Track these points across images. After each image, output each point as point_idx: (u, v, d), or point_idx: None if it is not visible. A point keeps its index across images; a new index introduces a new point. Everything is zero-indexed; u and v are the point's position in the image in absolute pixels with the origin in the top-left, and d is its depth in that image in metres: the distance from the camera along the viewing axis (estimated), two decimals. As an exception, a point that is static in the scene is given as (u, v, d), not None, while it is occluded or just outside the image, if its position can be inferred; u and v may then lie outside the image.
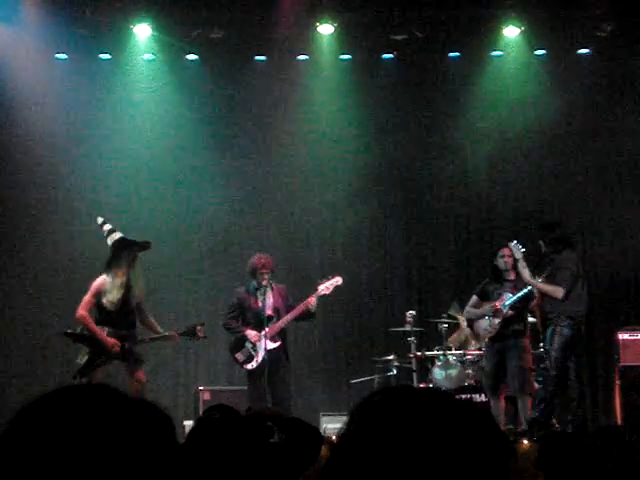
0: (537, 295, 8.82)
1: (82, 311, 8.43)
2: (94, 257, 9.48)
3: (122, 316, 8.49)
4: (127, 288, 8.48)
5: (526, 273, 8.67)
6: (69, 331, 8.62)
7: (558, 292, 8.59)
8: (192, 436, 3.22)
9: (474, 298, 9.22)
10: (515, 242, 8.85)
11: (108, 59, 11.50)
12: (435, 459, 1.29)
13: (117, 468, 1.25)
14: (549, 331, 8.64)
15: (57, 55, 11.40)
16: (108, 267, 8.53)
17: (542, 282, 8.67)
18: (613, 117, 11.51)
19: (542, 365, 8.99)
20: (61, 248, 11.31)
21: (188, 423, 9.23)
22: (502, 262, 9.03)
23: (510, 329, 8.89)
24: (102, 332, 8.37)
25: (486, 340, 9.07)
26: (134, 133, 11.50)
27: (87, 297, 8.48)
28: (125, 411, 1.32)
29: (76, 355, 8.57)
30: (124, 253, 8.51)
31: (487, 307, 8.98)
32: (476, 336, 9.41)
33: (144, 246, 8.70)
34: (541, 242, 8.84)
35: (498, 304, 8.88)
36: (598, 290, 11.46)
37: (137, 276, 8.58)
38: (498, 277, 9.05)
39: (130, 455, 1.27)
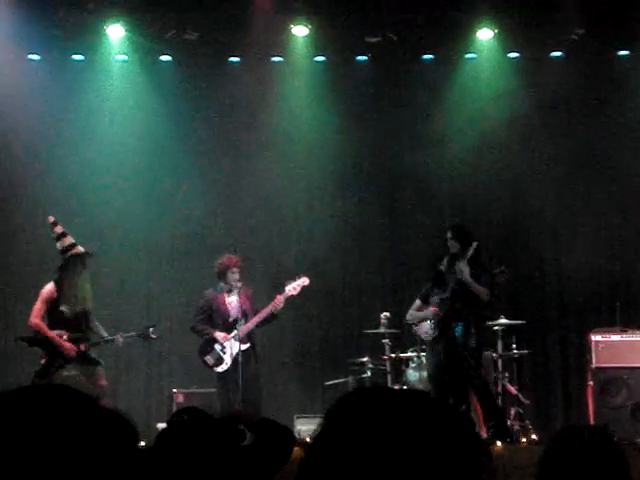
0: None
1: (35, 319, 8.61)
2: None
3: (74, 321, 8.59)
4: (77, 296, 8.62)
5: (466, 272, 8.66)
6: (23, 336, 8.71)
7: (485, 294, 8.65)
8: (160, 439, 3.19)
9: (417, 302, 9.23)
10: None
11: (81, 60, 11.45)
12: (409, 459, 1.28)
13: (72, 469, 1.23)
14: (460, 329, 8.65)
15: (29, 56, 11.32)
16: (60, 276, 8.64)
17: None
18: (585, 119, 11.57)
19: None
20: (30, 251, 11.23)
21: (162, 426, 9.18)
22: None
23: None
24: (58, 337, 8.46)
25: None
26: (107, 134, 11.44)
27: (38, 305, 8.68)
28: (83, 412, 1.30)
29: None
30: (75, 262, 8.61)
31: (428, 311, 9.00)
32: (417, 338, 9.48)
33: (90, 255, 8.87)
34: (453, 242, 8.85)
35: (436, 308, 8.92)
36: (571, 291, 11.54)
37: (85, 284, 8.73)
38: (441, 281, 9.01)
39: (87, 456, 1.25)
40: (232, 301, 9.10)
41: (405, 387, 9.72)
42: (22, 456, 1.23)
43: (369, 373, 10.28)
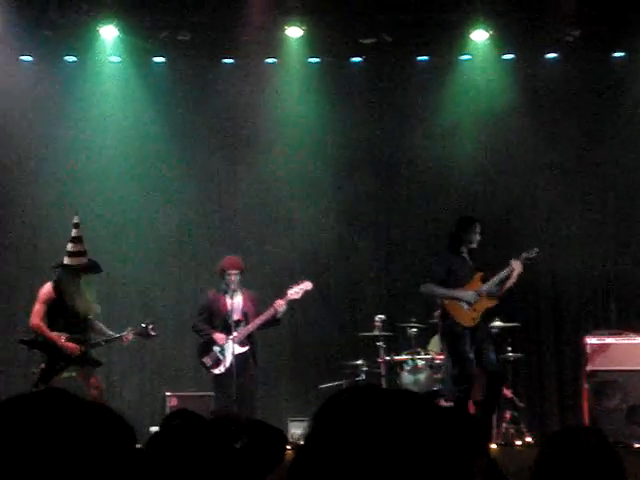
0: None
1: (36, 320, 8.55)
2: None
3: (74, 322, 8.52)
4: (76, 302, 8.59)
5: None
6: (25, 339, 8.66)
7: None
8: (153, 442, 3.16)
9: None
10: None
11: (74, 61, 11.41)
12: (399, 459, 1.27)
13: (74, 474, 1.24)
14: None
15: (21, 57, 11.28)
16: (58, 277, 8.60)
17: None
18: (580, 120, 11.56)
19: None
20: (22, 250, 11.21)
21: (155, 429, 9.14)
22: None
23: None
24: (59, 337, 8.41)
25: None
26: (100, 135, 11.42)
27: (37, 306, 8.64)
28: (84, 417, 1.31)
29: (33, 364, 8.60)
30: (80, 271, 8.56)
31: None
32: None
33: (95, 271, 8.79)
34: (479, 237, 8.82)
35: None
36: (566, 294, 11.53)
37: (86, 286, 8.64)
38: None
39: (87, 460, 1.26)
40: (234, 302, 9.07)
41: (399, 390, 9.67)
42: (24, 459, 1.25)
43: (363, 376, 10.26)
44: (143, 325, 9.05)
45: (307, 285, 9.23)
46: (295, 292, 9.16)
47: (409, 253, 11.59)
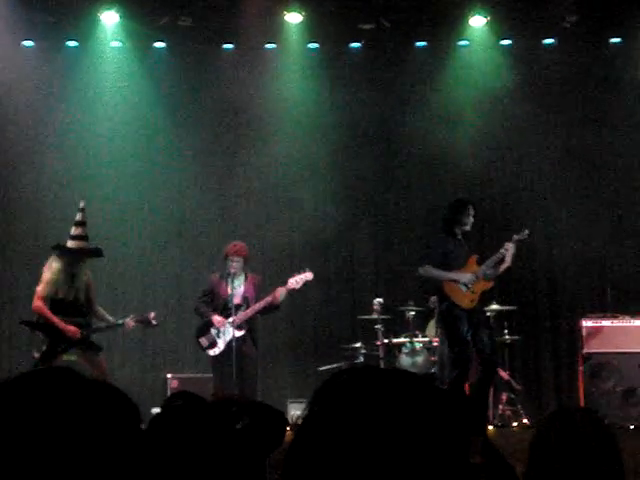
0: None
1: (38, 302, 8.50)
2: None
3: (74, 306, 8.56)
4: (77, 286, 8.59)
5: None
6: (26, 320, 8.67)
7: None
8: (154, 424, 3.23)
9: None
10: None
11: (75, 46, 11.44)
12: (397, 438, 1.30)
13: (81, 453, 1.26)
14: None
15: (23, 42, 11.32)
16: (60, 256, 8.59)
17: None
18: (578, 106, 11.61)
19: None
20: (25, 236, 11.28)
21: (156, 411, 9.24)
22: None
23: None
24: (60, 321, 8.43)
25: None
26: (101, 120, 11.44)
27: (41, 287, 8.55)
28: (90, 394, 1.34)
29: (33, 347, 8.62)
30: (82, 254, 8.59)
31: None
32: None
33: (97, 254, 8.81)
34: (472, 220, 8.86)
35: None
36: (562, 278, 11.60)
37: (85, 274, 8.66)
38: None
39: (94, 439, 1.28)
40: (235, 287, 9.12)
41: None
42: (31, 437, 1.26)
43: (362, 359, 10.31)
44: (145, 314, 9.08)
45: (308, 275, 9.26)
46: (295, 282, 9.20)
47: (407, 237, 11.62)
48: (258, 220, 11.68)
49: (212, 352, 9.12)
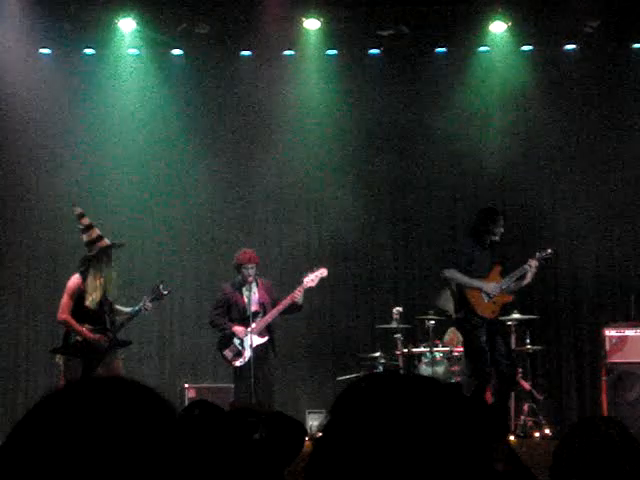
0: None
1: (64, 314, 8.43)
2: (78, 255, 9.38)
3: (100, 314, 8.48)
4: (104, 288, 8.49)
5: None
6: (56, 347, 8.60)
7: None
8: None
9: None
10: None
11: (92, 54, 11.43)
12: (419, 446, 1.27)
13: (133, 462, 1.26)
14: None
15: (41, 50, 11.32)
16: (86, 268, 8.49)
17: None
18: (599, 112, 11.50)
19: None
20: (43, 245, 11.28)
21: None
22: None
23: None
24: (88, 331, 8.35)
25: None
26: (119, 128, 11.43)
27: (65, 299, 8.48)
28: (144, 403, 1.36)
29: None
30: (102, 256, 8.49)
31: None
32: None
33: (120, 247, 8.75)
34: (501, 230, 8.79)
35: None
36: (585, 286, 11.47)
37: (112, 276, 8.56)
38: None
39: (144, 447, 1.29)
40: (250, 295, 9.06)
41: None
42: (86, 447, 1.25)
43: (381, 368, 10.25)
44: (154, 288, 8.91)
45: (323, 272, 9.23)
46: (311, 280, 9.16)
47: (428, 245, 11.56)
48: (277, 222, 11.64)
49: (238, 362, 9.04)
